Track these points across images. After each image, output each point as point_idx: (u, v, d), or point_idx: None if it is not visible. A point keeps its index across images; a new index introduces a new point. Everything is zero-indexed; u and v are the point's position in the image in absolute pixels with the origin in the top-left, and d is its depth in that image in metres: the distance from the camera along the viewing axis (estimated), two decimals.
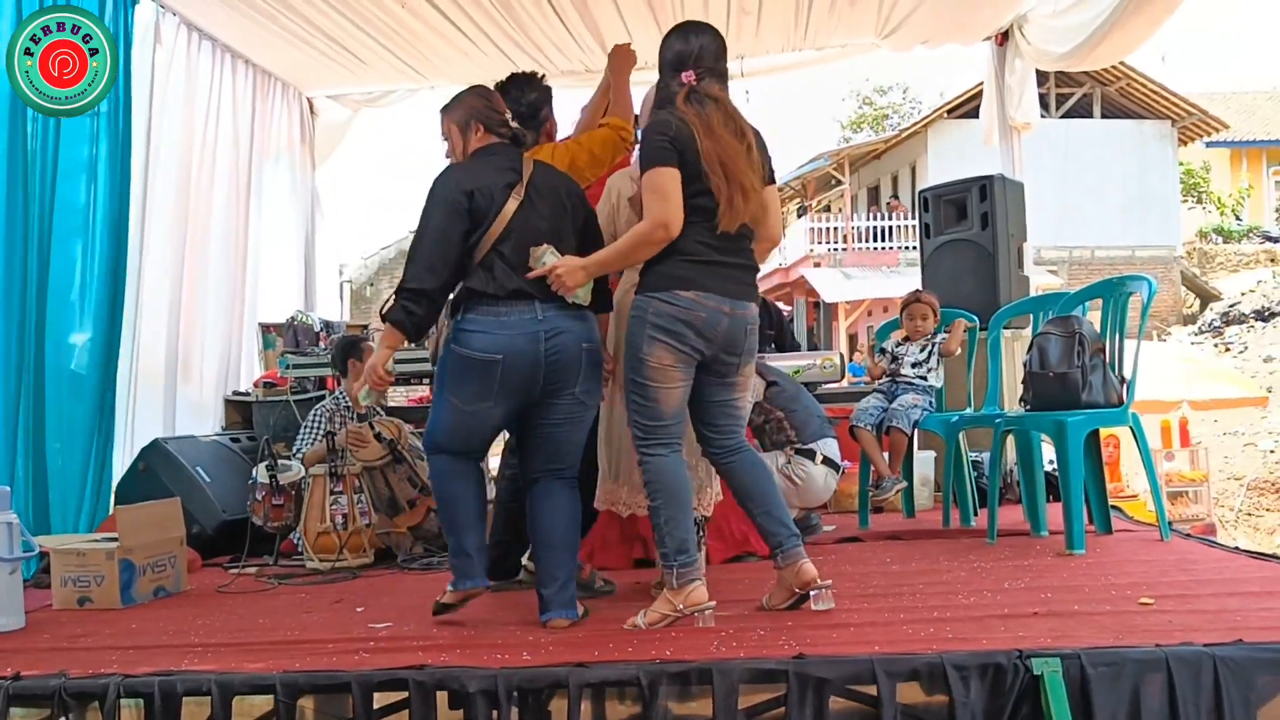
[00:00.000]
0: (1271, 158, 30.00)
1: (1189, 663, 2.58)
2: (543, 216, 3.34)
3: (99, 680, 2.81)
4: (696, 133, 3.24)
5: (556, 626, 3.27)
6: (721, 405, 3.42)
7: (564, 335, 3.29)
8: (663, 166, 3.23)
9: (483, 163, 3.41)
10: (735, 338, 3.32)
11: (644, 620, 3.23)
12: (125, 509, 4.28)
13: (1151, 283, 4.36)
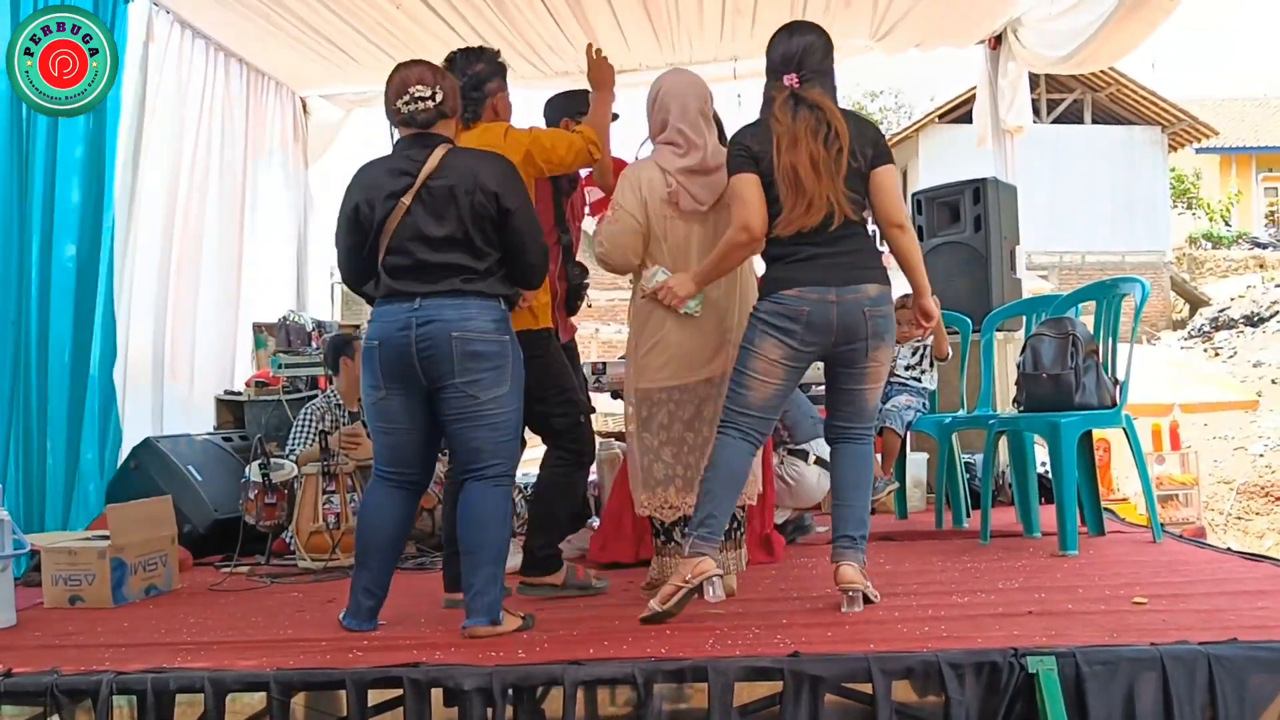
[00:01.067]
0: (1261, 164, 30.11)
1: (1183, 661, 2.59)
2: (432, 221, 3.26)
3: (91, 677, 2.80)
4: (778, 144, 3.36)
5: (475, 635, 3.17)
6: (846, 394, 3.53)
7: (434, 324, 3.23)
8: (742, 173, 3.41)
9: (383, 164, 3.39)
10: (850, 322, 3.38)
11: (658, 602, 3.26)
12: (116, 507, 4.26)
13: (1145, 284, 4.38)
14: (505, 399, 3.30)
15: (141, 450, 5.33)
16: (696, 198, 3.65)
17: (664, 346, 3.66)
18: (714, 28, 6.79)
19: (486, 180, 3.28)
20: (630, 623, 3.30)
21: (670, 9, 6.46)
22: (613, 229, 3.69)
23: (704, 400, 3.68)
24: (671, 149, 3.68)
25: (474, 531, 3.28)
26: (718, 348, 3.66)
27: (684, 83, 3.78)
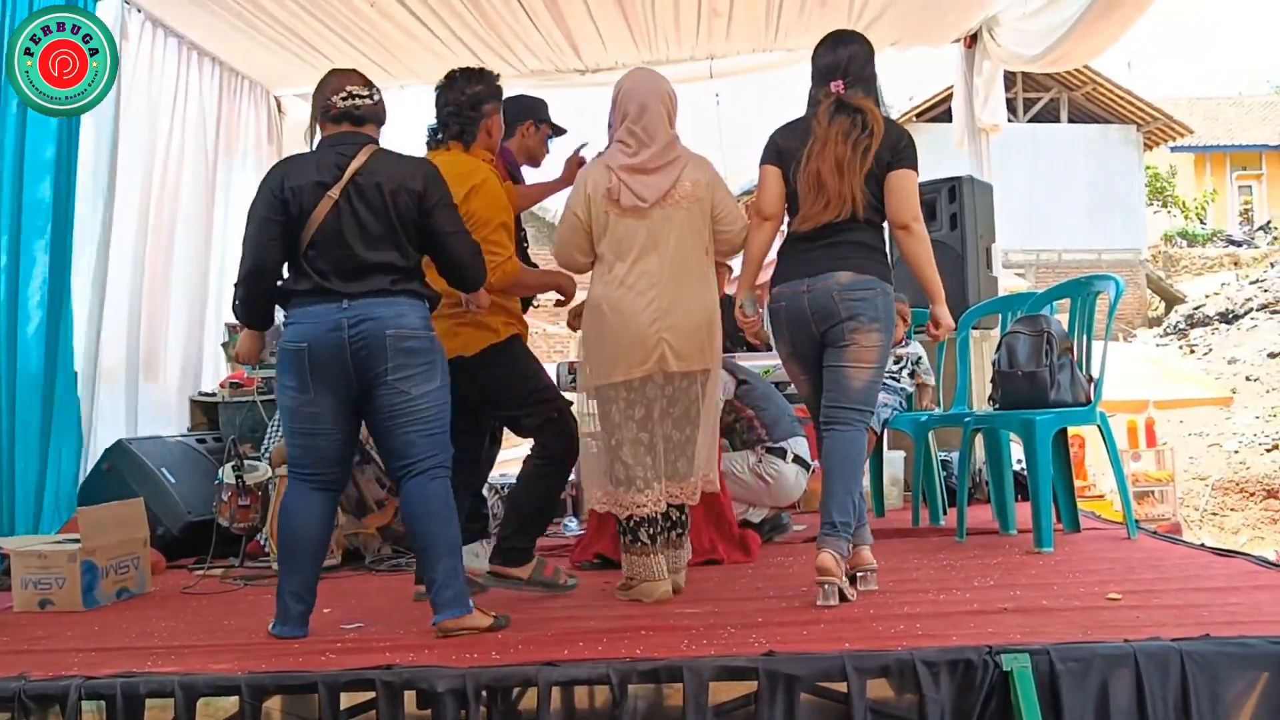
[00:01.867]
0: (1235, 162, 30.35)
1: (1156, 658, 2.60)
2: (359, 217, 3.25)
3: (59, 682, 2.76)
4: (812, 147, 3.56)
5: (446, 629, 3.17)
6: (830, 372, 3.62)
7: (368, 323, 3.23)
8: (765, 165, 3.68)
9: (310, 157, 3.41)
10: (822, 306, 3.55)
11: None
12: (87, 510, 4.22)
13: (1119, 282, 4.39)
14: (436, 394, 3.31)
15: (114, 452, 5.29)
16: (638, 194, 3.63)
17: (601, 345, 3.66)
18: (690, 27, 6.79)
19: (411, 180, 3.30)
20: (605, 623, 3.29)
21: (646, 8, 6.44)
22: (560, 229, 3.76)
23: (652, 399, 3.65)
24: (621, 147, 3.70)
25: (422, 527, 3.29)
26: (651, 346, 3.59)
27: (645, 83, 3.78)
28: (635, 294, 3.61)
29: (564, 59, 7.22)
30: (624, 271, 3.63)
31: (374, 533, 5.04)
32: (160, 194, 6.36)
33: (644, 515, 3.64)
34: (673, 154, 3.70)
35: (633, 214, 3.64)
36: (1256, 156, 30.42)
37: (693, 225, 3.69)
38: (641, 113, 3.68)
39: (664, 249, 3.64)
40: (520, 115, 4.50)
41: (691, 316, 3.64)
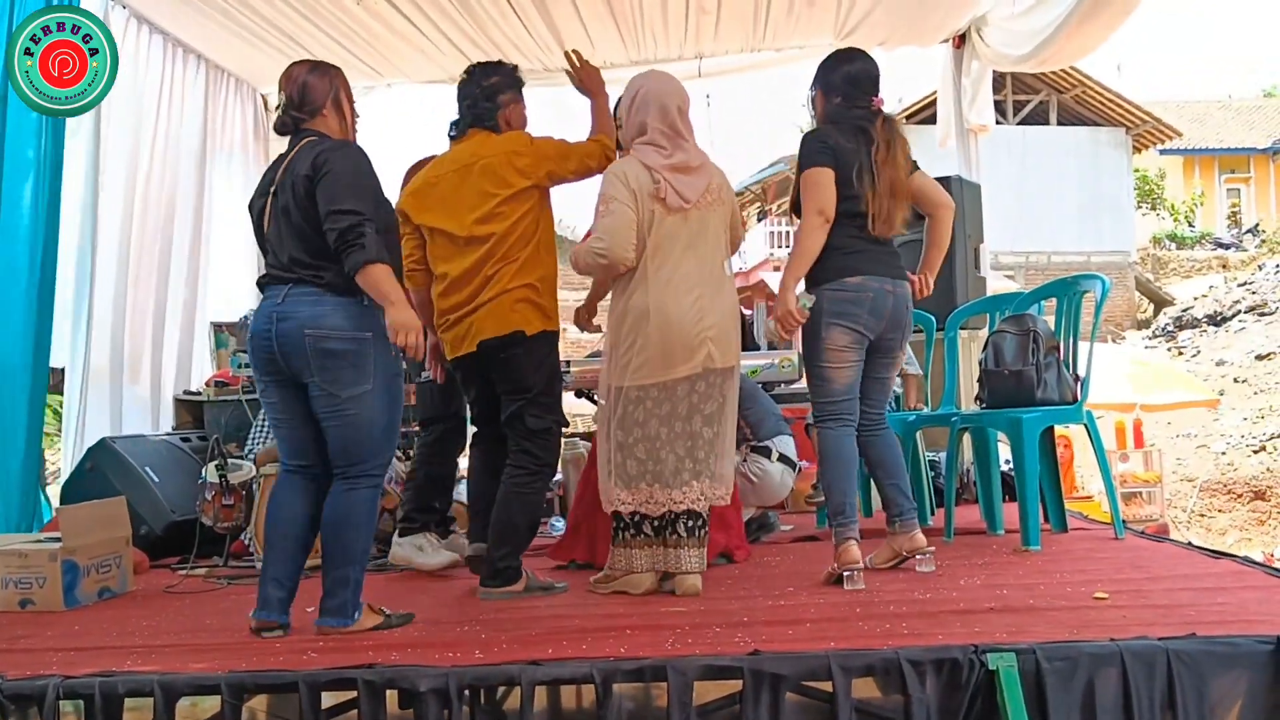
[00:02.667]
0: (1223, 165, 30.47)
1: (1143, 657, 2.59)
2: (284, 217, 3.28)
3: (37, 682, 2.73)
4: (877, 155, 3.77)
5: (324, 633, 3.22)
6: (879, 381, 3.93)
7: (289, 321, 3.21)
8: (820, 167, 3.72)
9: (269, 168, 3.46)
10: (899, 313, 3.84)
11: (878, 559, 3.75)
12: (69, 508, 4.19)
13: (1105, 281, 4.38)
14: (368, 398, 3.25)
15: (97, 451, 5.26)
16: (682, 195, 3.68)
17: (644, 346, 3.64)
18: (678, 26, 6.78)
19: (304, 166, 3.24)
20: (591, 621, 3.27)
21: (635, 7, 6.43)
22: (612, 222, 3.65)
23: (680, 397, 3.67)
24: (655, 149, 3.72)
25: (328, 532, 3.30)
26: (696, 346, 3.64)
27: (663, 85, 3.83)
28: (679, 294, 3.64)
29: (552, 58, 7.18)
30: (669, 273, 3.66)
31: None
32: (146, 192, 6.33)
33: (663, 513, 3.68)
34: (696, 154, 3.77)
35: (676, 214, 3.68)
36: (1245, 160, 30.55)
37: (720, 226, 3.77)
38: (664, 112, 3.74)
39: (701, 250, 3.71)
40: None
41: (726, 316, 3.72)
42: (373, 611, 3.31)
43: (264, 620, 3.28)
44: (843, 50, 4.04)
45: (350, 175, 3.23)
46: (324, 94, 3.38)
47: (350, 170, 3.23)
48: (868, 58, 3.96)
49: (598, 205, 3.70)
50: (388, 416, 3.31)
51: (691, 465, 3.68)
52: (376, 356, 3.25)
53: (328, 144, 3.29)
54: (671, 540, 3.72)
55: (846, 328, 3.75)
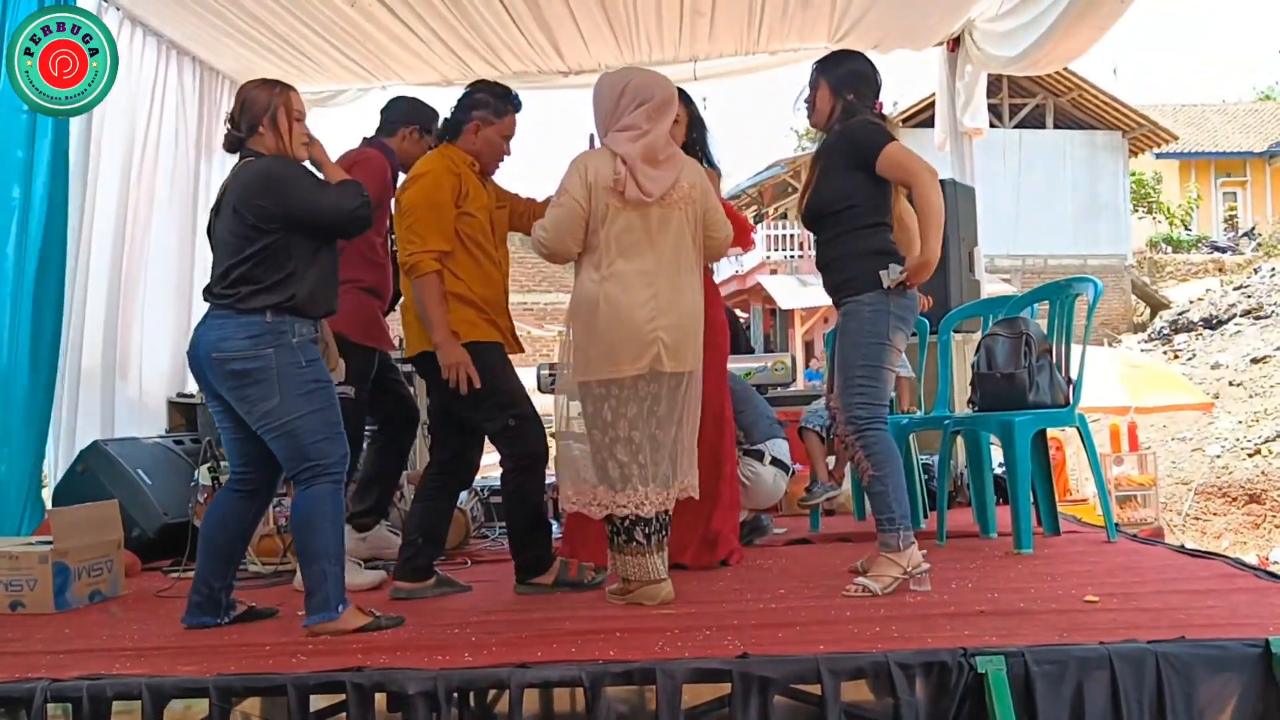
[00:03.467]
0: (1220, 169, 30.53)
1: (1132, 660, 2.59)
2: (214, 238, 3.47)
3: (25, 685, 2.73)
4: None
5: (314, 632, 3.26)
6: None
7: (199, 345, 3.38)
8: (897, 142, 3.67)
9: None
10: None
11: (879, 586, 3.52)
12: (60, 511, 4.19)
13: (1097, 284, 4.38)
14: (280, 410, 3.29)
15: (90, 453, 5.24)
16: (644, 188, 3.54)
17: (599, 339, 3.55)
18: (673, 28, 6.77)
19: (233, 190, 3.38)
20: (581, 624, 3.27)
21: (629, 10, 6.42)
22: (556, 214, 3.59)
23: (644, 399, 3.55)
24: (629, 134, 3.60)
25: (295, 532, 3.41)
26: (644, 345, 3.52)
27: (653, 78, 3.74)
28: (632, 291, 3.53)
29: (547, 60, 7.19)
30: (622, 267, 3.55)
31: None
32: (138, 194, 6.31)
33: (639, 515, 3.55)
34: (674, 151, 3.68)
35: (634, 208, 3.56)
36: (1241, 163, 30.62)
37: (687, 226, 3.64)
38: (649, 103, 3.61)
39: (661, 247, 3.58)
40: (406, 118, 4.56)
41: (685, 317, 3.59)
42: (361, 612, 3.32)
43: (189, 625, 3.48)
44: (843, 50, 3.99)
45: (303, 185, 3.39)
46: (261, 110, 3.42)
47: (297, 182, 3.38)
48: (870, 60, 3.92)
49: (554, 195, 3.67)
50: (315, 420, 3.32)
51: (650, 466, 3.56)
52: (280, 370, 3.29)
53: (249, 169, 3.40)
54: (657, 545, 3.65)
55: (905, 334, 3.72)
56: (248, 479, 3.52)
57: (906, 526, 3.63)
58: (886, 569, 3.58)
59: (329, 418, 3.35)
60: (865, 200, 3.69)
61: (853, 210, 3.69)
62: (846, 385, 3.70)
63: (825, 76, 3.84)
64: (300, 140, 3.47)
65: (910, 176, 3.60)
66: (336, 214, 3.37)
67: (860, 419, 3.67)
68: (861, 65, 3.86)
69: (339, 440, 3.37)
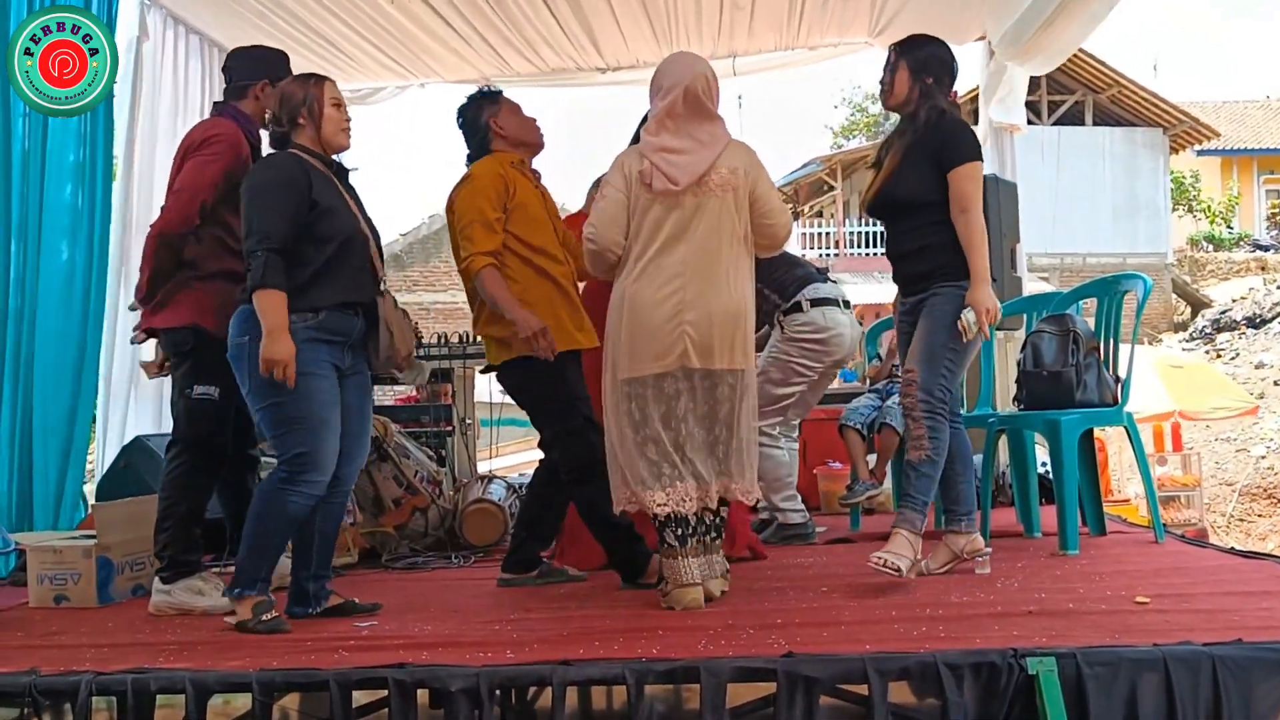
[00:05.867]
0: (1262, 166, 30.06)
1: (1187, 662, 2.53)
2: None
3: (70, 678, 2.74)
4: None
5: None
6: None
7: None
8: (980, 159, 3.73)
9: None
10: None
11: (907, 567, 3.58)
12: (103, 505, 4.21)
13: (1147, 281, 4.31)
14: (253, 397, 3.38)
15: (132, 449, 5.27)
16: (670, 177, 3.44)
17: (626, 336, 3.48)
18: (712, 23, 6.74)
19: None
20: (622, 622, 3.24)
21: (669, 5, 6.41)
22: (602, 206, 3.53)
23: (672, 398, 3.46)
24: (653, 127, 3.55)
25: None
26: (670, 342, 3.43)
27: (681, 62, 3.66)
28: (655, 286, 3.44)
29: (585, 57, 7.18)
30: (647, 262, 3.46)
31: (391, 531, 5.02)
32: None
33: (668, 514, 3.46)
34: (708, 136, 3.52)
35: (663, 199, 3.46)
36: None
37: (727, 215, 3.49)
38: (675, 90, 3.52)
39: (693, 239, 3.46)
40: (253, 74, 4.04)
41: (720, 312, 3.45)
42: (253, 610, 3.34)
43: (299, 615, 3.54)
44: (923, 34, 3.92)
45: (255, 194, 3.36)
46: (299, 103, 3.45)
47: (256, 189, 3.37)
48: (948, 46, 3.91)
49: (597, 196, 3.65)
50: (271, 412, 3.34)
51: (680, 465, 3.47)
52: (252, 357, 3.29)
53: (255, 165, 3.45)
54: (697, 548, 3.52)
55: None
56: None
57: (970, 513, 3.83)
58: (903, 548, 3.63)
59: (289, 413, 3.32)
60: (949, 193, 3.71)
61: (941, 203, 3.69)
62: (932, 359, 3.70)
63: (905, 58, 3.81)
64: (339, 127, 3.50)
65: (968, 202, 3.67)
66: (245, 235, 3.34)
67: (937, 400, 3.68)
68: (941, 50, 3.85)
69: (298, 439, 3.32)
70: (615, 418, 3.54)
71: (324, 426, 3.36)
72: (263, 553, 3.38)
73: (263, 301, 3.25)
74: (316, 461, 3.34)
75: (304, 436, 3.33)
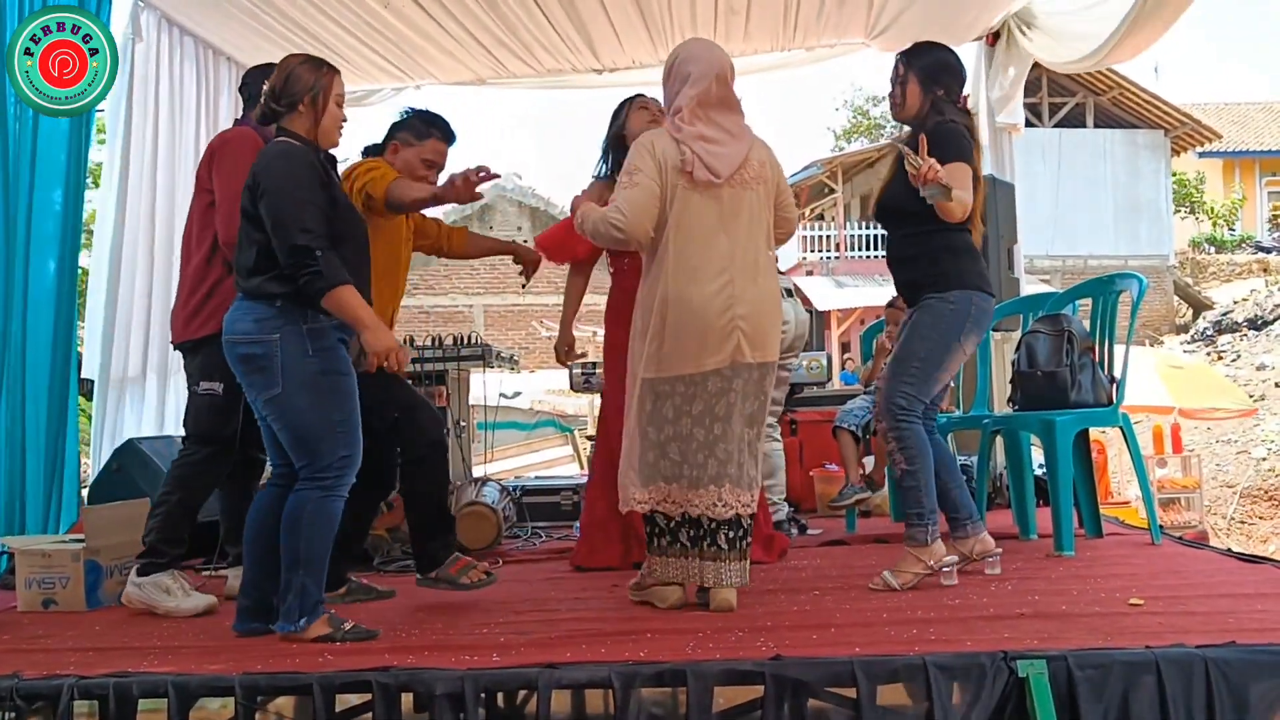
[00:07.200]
0: (1264, 168, 30.03)
1: (1180, 665, 2.51)
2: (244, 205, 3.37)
3: (52, 682, 2.72)
4: (978, 162, 3.72)
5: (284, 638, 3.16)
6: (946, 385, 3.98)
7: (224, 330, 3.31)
8: (968, 163, 3.62)
9: None
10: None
11: (898, 581, 3.57)
12: (93, 509, 4.18)
13: (1142, 280, 4.29)
14: (282, 400, 3.16)
15: (123, 452, 5.25)
16: (712, 168, 3.38)
17: (671, 334, 3.39)
18: (707, 26, 6.72)
19: (252, 171, 3.25)
20: (611, 624, 3.22)
21: (663, 8, 6.38)
22: (633, 194, 3.38)
23: (715, 395, 3.40)
24: (686, 116, 3.45)
25: (280, 533, 3.21)
26: (724, 337, 3.37)
27: (707, 50, 3.58)
28: (705, 280, 3.36)
29: (581, 59, 7.16)
30: (694, 255, 3.38)
31: (384, 534, 4.98)
32: (177, 196, 6.32)
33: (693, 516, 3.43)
34: (736, 127, 3.48)
35: (704, 189, 3.39)
36: None
37: (762, 207, 3.47)
38: (705, 79, 3.45)
39: (734, 231, 3.41)
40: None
41: (763, 304, 3.43)
42: (327, 623, 3.18)
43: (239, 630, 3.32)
44: (927, 41, 3.87)
45: (287, 192, 3.15)
46: (305, 90, 3.27)
47: (286, 187, 3.16)
48: (953, 50, 3.86)
49: (621, 176, 3.48)
50: (316, 414, 3.17)
51: (717, 467, 3.42)
52: (285, 358, 3.14)
53: (267, 153, 3.26)
54: (710, 552, 3.45)
55: (978, 338, 3.73)
56: (288, 474, 3.29)
57: (934, 522, 3.64)
58: (909, 565, 3.62)
59: (332, 415, 3.18)
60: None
61: (924, 214, 3.59)
62: (896, 373, 3.68)
63: (914, 71, 3.76)
64: (337, 124, 3.36)
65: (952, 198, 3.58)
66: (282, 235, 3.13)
67: (898, 409, 3.64)
68: (948, 56, 3.81)
69: (341, 441, 3.19)
70: (639, 416, 3.48)
71: (359, 428, 3.26)
72: (320, 571, 3.21)
73: (346, 297, 3.11)
74: (357, 461, 3.25)
75: (347, 438, 3.21)
